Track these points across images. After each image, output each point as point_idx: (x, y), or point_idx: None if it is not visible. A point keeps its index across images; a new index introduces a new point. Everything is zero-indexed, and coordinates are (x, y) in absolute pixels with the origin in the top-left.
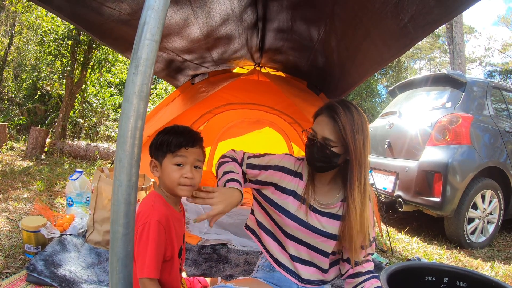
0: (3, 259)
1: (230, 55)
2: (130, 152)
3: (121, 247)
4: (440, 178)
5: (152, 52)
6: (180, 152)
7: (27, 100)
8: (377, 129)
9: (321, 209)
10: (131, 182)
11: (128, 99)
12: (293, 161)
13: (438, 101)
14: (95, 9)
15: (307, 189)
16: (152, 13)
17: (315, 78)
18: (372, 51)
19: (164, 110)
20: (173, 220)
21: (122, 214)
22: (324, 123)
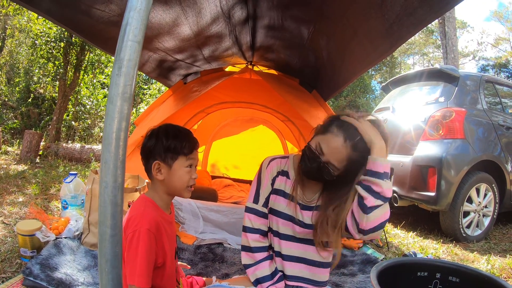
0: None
1: (221, 53)
2: (115, 154)
3: (109, 248)
4: (435, 173)
5: (135, 53)
6: (192, 155)
7: (21, 104)
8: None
9: (308, 205)
10: (117, 183)
11: (112, 100)
12: (276, 165)
13: (431, 96)
14: (84, 12)
15: (295, 188)
16: (134, 14)
17: (307, 76)
18: (359, 50)
19: (156, 110)
20: (164, 224)
21: (109, 216)
22: (338, 149)
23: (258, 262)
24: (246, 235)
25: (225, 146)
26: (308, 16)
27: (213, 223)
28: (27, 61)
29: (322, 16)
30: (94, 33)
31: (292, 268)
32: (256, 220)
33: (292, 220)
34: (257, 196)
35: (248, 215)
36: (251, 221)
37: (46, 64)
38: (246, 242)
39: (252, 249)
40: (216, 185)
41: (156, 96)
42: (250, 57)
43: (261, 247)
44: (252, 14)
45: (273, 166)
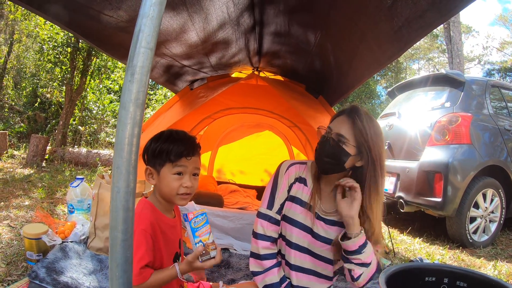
0: (5, 266)
1: (228, 60)
2: (127, 159)
3: (120, 252)
4: (441, 178)
5: (147, 60)
6: (180, 162)
7: (27, 108)
8: None
9: (325, 217)
10: (129, 188)
11: (125, 106)
12: (295, 171)
13: (437, 101)
14: (92, 17)
15: (313, 196)
16: (147, 21)
17: (314, 82)
18: (367, 54)
19: (163, 116)
20: (162, 226)
21: (120, 220)
22: (342, 121)
23: (267, 270)
24: (257, 242)
25: (231, 151)
26: (315, 22)
27: (219, 228)
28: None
29: (329, 21)
30: (102, 39)
31: (300, 279)
32: (269, 227)
33: (307, 230)
34: (272, 202)
35: (260, 221)
36: (263, 228)
37: (53, 69)
38: (256, 249)
39: (261, 257)
40: (222, 191)
41: (162, 101)
42: (256, 63)
43: (270, 254)
44: (259, 21)
45: (292, 171)
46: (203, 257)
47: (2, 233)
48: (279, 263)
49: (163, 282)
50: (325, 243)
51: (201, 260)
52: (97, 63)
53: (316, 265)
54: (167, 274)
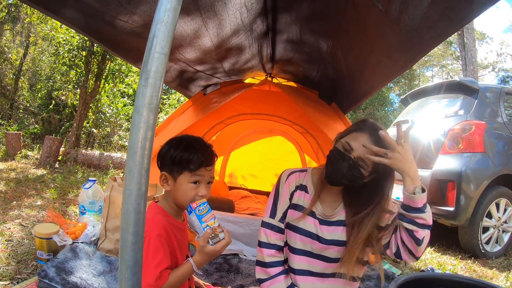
0: (15, 264)
1: (241, 66)
2: (140, 163)
3: (130, 255)
4: (454, 187)
5: (161, 65)
6: (199, 172)
7: (42, 110)
8: None
9: (328, 219)
10: (140, 191)
11: (138, 110)
12: (295, 179)
13: (450, 109)
14: (107, 22)
15: (313, 203)
16: (161, 26)
17: (327, 88)
18: (378, 65)
19: (176, 121)
20: (174, 230)
21: (131, 223)
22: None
23: (273, 277)
24: (262, 250)
25: (243, 156)
26: (327, 31)
27: (230, 233)
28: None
29: (341, 31)
30: (116, 43)
31: (305, 282)
32: (272, 235)
33: (311, 236)
34: (274, 211)
35: (264, 230)
36: (267, 236)
37: (68, 72)
38: (261, 258)
39: (267, 264)
40: (233, 196)
41: (175, 106)
42: (269, 69)
43: (276, 261)
44: (271, 27)
45: (292, 180)
46: (213, 240)
47: (13, 232)
48: (286, 270)
49: (182, 278)
50: (333, 245)
51: (211, 243)
52: (111, 67)
53: (326, 267)
54: (183, 270)
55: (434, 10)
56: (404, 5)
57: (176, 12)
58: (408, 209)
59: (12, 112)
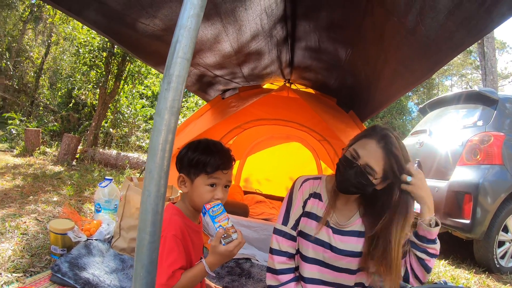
0: (29, 258)
1: (260, 71)
2: (160, 164)
3: (146, 254)
4: (470, 199)
5: (183, 70)
6: (216, 175)
7: (61, 108)
8: (407, 147)
9: (341, 229)
10: (159, 192)
11: (160, 113)
12: (309, 186)
13: (469, 119)
14: (129, 25)
15: (328, 211)
16: (185, 32)
17: (345, 96)
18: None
19: (194, 123)
20: (190, 232)
21: (149, 223)
22: (372, 150)
23: (283, 284)
24: (273, 257)
25: (259, 160)
26: (345, 39)
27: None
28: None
29: (359, 39)
30: (137, 46)
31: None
32: (284, 243)
33: (324, 245)
34: (287, 218)
35: (276, 237)
36: (278, 243)
37: (88, 72)
38: (272, 264)
39: (277, 271)
40: (248, 201)
41: (193, 109)
42: (288, 75)
43: (286, 269)
44: (291, 33)
45: (306, 187)
46: (225, 240)
47: (29, 226)
48: (296, 278)
49: (194, 279)
50: (346, 256)
51: (224, 243)
52: (131, 68)
53: (337, 277)
54: (196, 271)
55: (451, 21)
56: (421, 16)
57: (199, 18)
58: (422, 239)
59: (32, 109)
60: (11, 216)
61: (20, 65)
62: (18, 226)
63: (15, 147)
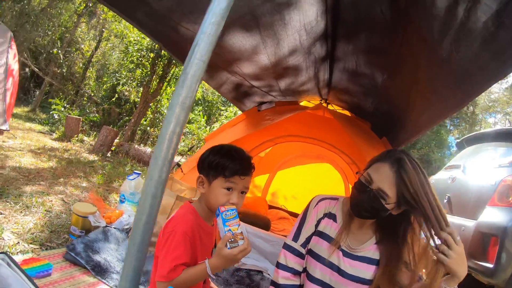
0: (49, 233)
1: (297, 87)
2: (165, 153)
3: (140, 234)
4: (496, 243)
5: (199, 70)
6: (233, 179)
7: (104, 101)
8: (439, 182)
9: (353, 253)
10: (161, 178)
11: (172, 107)
12: (324, 206)
13: (505, 159)
14: (172, 27)
15: (341, 233)
16: (204, 37)
17: (379, 122)
18: (427, 104)
19: (227, 132)
20: (201, 233)
21: (147, 205)
22: (385, 174)
23: None
24: (278, 271)
25: (288, 177)
26: (382, 64)
27: (259, 250)
28: (117, 64)
29: (395, 66)
30: (177, 48)
31: None
32: (291, 259)
33: (334, 268)
34: (298, 234)
35: (284, 252)
36: (286, 258)
37: (134, 70)
38: (276, 279)
39: (280, 286)
40: (271, 215)
41: (231, 118)
42: (325, 95)
43: (290, 285)
44: (330, 53)
45: (321, 207)
46: (231, 244)
47: (54, 205)
48: None
49: (195, 277)
50: (353, 281)
51: (229, 246)
52: (176, 72)
53: None
54: (197, 269)
55: (486, 51)
56: (455, 44)
57: (219, 26)
58: None
59: (76, 98)
60: (39, 193)
61: (70, 55)
62: (44, 203)
63: (55, 131)
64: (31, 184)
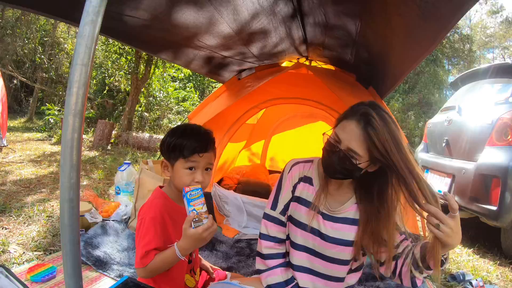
0: (51, 238)
1: (271, 50)
2: (70, 158)
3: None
4: (498, 184)
5: (83, 74)
6: (193, 158)
7: (97, 95)
8: (436, 125)
9: (333, 215)
10: (71, 182)
11: (66, 116)
12: (298, 170)
13: (501, 95)
14: (116, 19)
15: (318, 197)
16: (82, 41)
17: (363, 72)
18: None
19: (210, 105)
20: (173, 215)
21: (65, 209)
22: (353, 132)
23: (270, 269)
24: (261, 242)
25: (285, 140)
26: (351, 12)
27: (257, 219)
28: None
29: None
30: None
31: (305, 280)
32: (272, 228)
33: (315, 232)
34: (276, 203)
35: (264, 222)
36: (267, 228)
37: (118, 59)
38: (260, 249)
39: (264, 256)
40: (273, 180)
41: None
42: (305, 52)
43: (274, 254)
44: (298, 9)
45: (295, 171)
46: (195, 223)
47: (55, 209)
48: (285, 263)
49: (166, 262)
50: (336, 244)
51: (193, 226)
52: None
53: (327, 268)
54: (167, 253)
55: None
56: None
57: (94, 24)
58: (423, 262)
59: None
60: (40, 201)
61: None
62: (46, 209)
63: (53, 136)
64: (33, 193)
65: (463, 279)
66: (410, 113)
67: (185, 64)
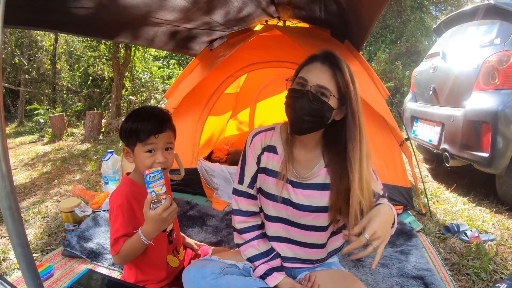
0: (47, 238)
1: (236, 15)
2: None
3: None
4: (489, 130)
5: None
6: (150, 141)
7: (82, 87)
8: (422, 73)
9: (303, 182)
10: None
11: None
12: (260, 141)
13: (486, 37)
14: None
15: (284, 165)
16: None
17: (337, 26)
18: None
19: (185, 81)
20: (142, 200)
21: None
22: (319, 70)
23: (247, 242)
24: (234, 217)
25: (269, 107)
26: None
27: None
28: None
29: None
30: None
31: (283, 249)
32: (242, 202)
33: (286, 202)
34: (242, 176)
35: (234, 197)
36: (237, 203)
37: (97, 47)
38: (234, 224)
39: (239, 231)
40: None
41: None
42: (275, 13)
43: (248, 227)
44: None
45: (257, 142)
46: (154, 205)
47: (50, 209)
48: (261, 235)
49: (134, 247)
50: (310, 212)
51: (152, 208)
52: None
53: (304, 236)
54: (133, 239)
55: None
56: None
57: None
58: None
59: (56, 95)
60: (35, 203)
61: (34, 57)
62: (40, 211)
63: (45, 135)
64: (27, 197)
65: (457, 230)
66: (397, 63)
67: (147, 43)
